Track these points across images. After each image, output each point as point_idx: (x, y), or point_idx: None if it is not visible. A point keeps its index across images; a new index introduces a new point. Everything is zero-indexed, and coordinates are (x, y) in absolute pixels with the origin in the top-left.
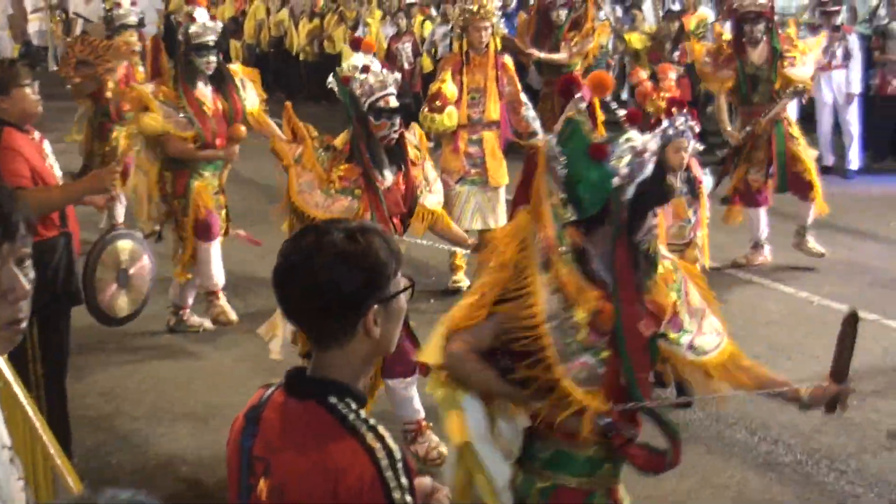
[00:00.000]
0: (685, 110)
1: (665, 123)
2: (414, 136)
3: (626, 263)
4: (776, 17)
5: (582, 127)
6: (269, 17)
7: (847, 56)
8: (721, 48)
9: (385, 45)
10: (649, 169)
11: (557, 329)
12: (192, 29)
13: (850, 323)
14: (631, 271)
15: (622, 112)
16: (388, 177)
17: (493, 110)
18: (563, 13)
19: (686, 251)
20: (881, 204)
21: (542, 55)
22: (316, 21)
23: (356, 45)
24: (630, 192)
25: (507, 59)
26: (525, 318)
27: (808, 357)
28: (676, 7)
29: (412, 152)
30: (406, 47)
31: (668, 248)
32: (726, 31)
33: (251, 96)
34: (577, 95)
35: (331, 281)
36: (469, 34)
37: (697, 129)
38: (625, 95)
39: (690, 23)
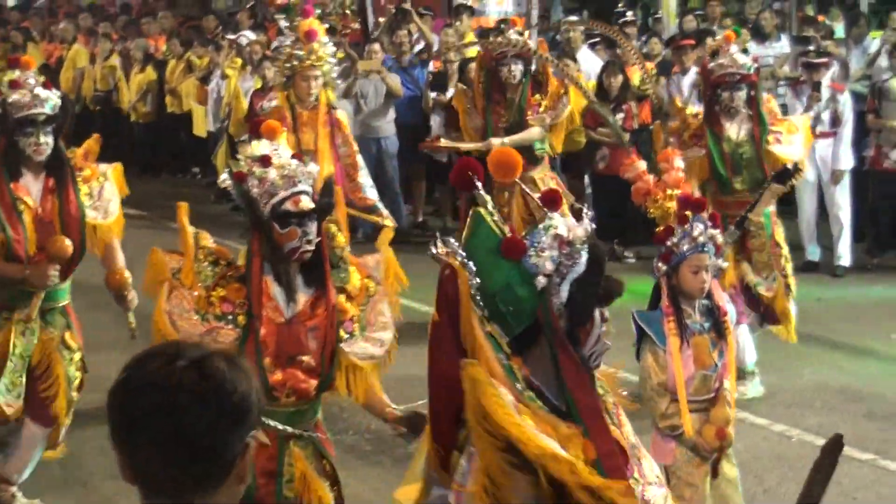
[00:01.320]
0: (705, 213)
1: (679, 234)
2: (375, 263)
3: (583, 386)
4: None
5: (487, 219)
6: (94, 65)
7: (836, 122)
8: (686, 122)
9: (246, 104)
10: (583, 261)
11: None
12: (14, 98)
13: (832, 452)
14: (593, 395)
15: (536, 194)
16: (301, 301)
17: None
18: (517, 69)
19: (713, 411)
20: (880, 311)
21: (507, 140)
22: (150, 71)
23: (256, 129)
24: (563, 292)
25: (342, 115)
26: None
27: None
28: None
29: (354, 280)
30: (273, 104)
31: (692, 408)
32: (681, 94)
33: (110, 206)
34: (478, 187)
35: (205, 425)
36: (296, 85)
37: (721, 240)
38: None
39: (634, 76)
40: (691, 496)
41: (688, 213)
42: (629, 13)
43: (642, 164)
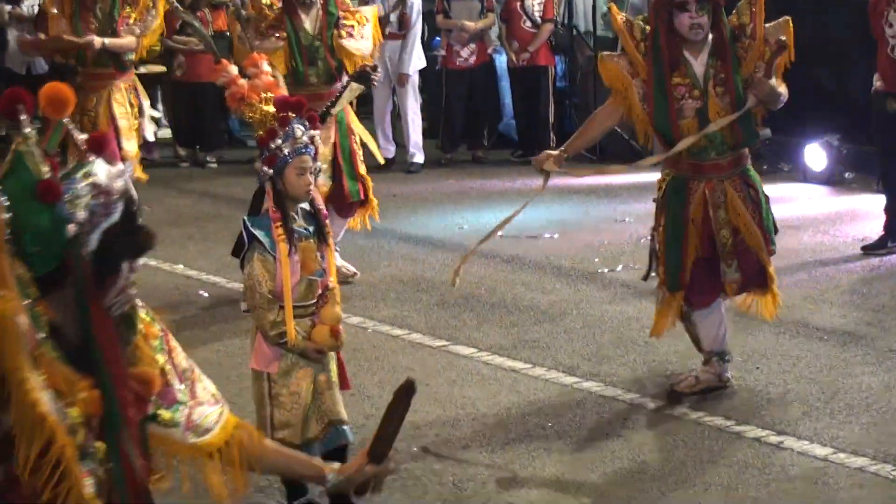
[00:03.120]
0: (304, 113)
1: (281, 136)
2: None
3: (108, 333)
4: None
5: (28, 159)
6: None
7: (403, 24)
8: (262, 13)
9: None
10: (118, 212)
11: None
12: None
13: (405, 395)
14: (116, 342)
15: (82, 136)
16: None
17: None
18: None
19: (323, 311)
20: (451, 204)
21: (104, 40)
22: None
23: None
24: (93, 242)
25: None
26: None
27: (360, 398)
28: None
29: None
30: None
31: (297, 314)
32: None
33: None
34: (23, 118)
35: None
36: None
37: (319, 142)
38: None
39: None
40: (293, 404)
41: (289, 114)
42: None
43: (234, 69)
